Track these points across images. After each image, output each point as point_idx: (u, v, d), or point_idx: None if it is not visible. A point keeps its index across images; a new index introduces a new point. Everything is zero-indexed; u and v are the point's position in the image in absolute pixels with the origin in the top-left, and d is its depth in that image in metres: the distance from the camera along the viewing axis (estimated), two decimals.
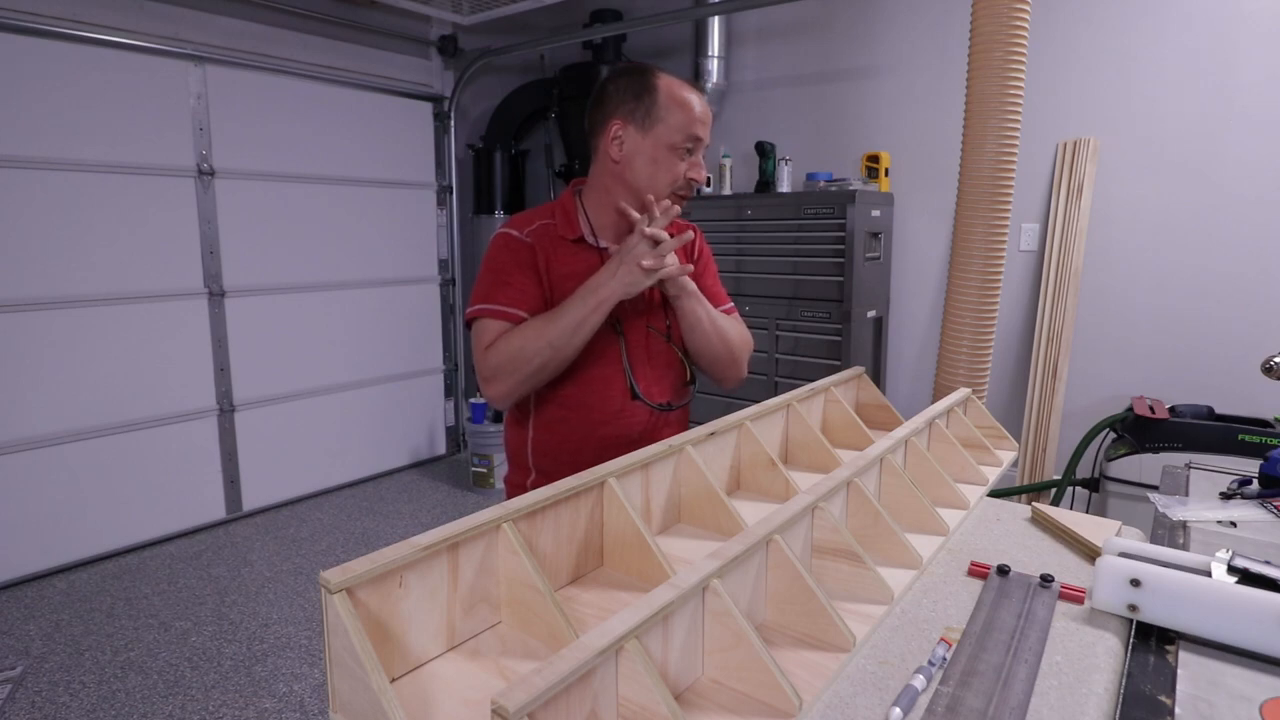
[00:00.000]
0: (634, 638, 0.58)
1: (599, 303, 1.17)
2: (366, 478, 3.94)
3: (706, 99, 1.28)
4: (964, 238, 2.05)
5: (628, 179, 1.25)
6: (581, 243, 1.28)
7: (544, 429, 1.29)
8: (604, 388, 1.26)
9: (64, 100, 2.78)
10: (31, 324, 2.76)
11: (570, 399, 1.26)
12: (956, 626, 0.78)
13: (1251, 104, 2.52)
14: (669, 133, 1.22)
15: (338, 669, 0.60)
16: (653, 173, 1.24)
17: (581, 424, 1.26)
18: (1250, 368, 2.46)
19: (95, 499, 2.96)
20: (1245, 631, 0.72)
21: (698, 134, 1.24)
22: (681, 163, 1.25)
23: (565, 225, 1.28)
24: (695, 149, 1.25)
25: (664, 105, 1.22)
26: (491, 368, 1.20)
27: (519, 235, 1.26)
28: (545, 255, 1.25)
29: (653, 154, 1.23)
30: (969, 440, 1.35)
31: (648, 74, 1.24)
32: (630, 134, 1.24)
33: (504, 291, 1.23)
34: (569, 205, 1.30)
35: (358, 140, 3.73)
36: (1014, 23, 1.87)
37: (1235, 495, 1.17)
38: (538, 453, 1.30)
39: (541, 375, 1.20)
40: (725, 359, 1.35)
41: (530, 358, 1.17)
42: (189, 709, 2.07)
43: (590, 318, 1.17)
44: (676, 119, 1.22)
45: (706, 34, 3.57)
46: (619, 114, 1.24)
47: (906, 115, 3.24)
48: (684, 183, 1.26)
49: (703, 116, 1.25)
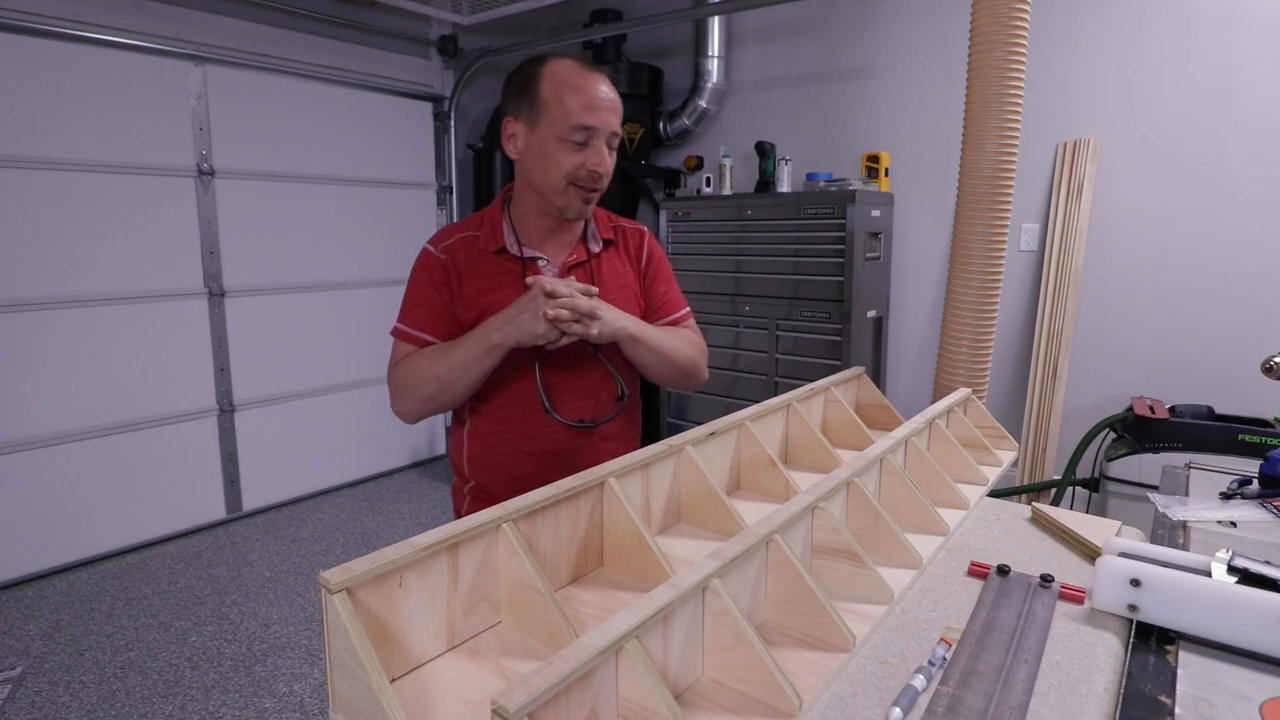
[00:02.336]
0: (634, 638, 0.58)
1: (491, 347, 1.11)
2: (366, 478, 3.94)
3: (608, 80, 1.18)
4: (964, 238, 2.05)
5: (527, 177, 1.20)
6: (504, 253, 1.22)
7: (475, 440, 1.26)
8: (522, 402, 1.21)
9: (64, 100, 2.78)
10: (31, 324, 2.76)
11: (494, 413, 1.23)
12: (956, 626, 0.78)
13: (1251, 104, 2.52)
14: (555, 123, 1.13)
15: (338, 669, 0.60)
16: (544, 168, 1.16)
17: (507, 437, 1.22)
18: (1250, 368, 2.46)
19: (95, 499, 2.96)
20: (1245, 631, 0.72)
21: (586, 122, 1.13)
22: (576, 154, 1.14)
23: (489, 236, 1.22)
24: (590, 138, 1.14)
25: (548, 95, 1.13)
26: (393, 387, 1.21)
27: (434, 251, 1.22)
28: (458, 271, 1.20)
29: (541, 148, 1.15)
30: (969, 440, 1.35)
31: (535, 64, 1.16)
32: (520, 130, 1.17)
33: (414, 312, 1.21)
34: (495, 214, 1.25)
35: (358, 140, 3.73)
36: (1014, 23, 1.87)
37: (1235, 495, 1.17)
38: (472, 464, 1.26)
39: (437, 403, 1.18)
40: (678, 379, 1.30)
41: (420, 386, 1.16)
42: (189, 709, 2.07)
43: (481, 360, 1.12)
44: (561, 108, 1.13)
45: (706, 34, 3.57)
46: (509, 111, 1.19)
47: (906, 115, 3.24)
48: (585, 174, 1.16)
49: (591, 102, 1.13)
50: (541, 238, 1.24)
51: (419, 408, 1.19)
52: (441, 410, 1.21)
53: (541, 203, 1.20)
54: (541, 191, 1.19)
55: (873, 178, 3.23)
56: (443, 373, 1.14)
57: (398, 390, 1.20)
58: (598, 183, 1.18)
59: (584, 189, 1.18)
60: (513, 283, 1.20)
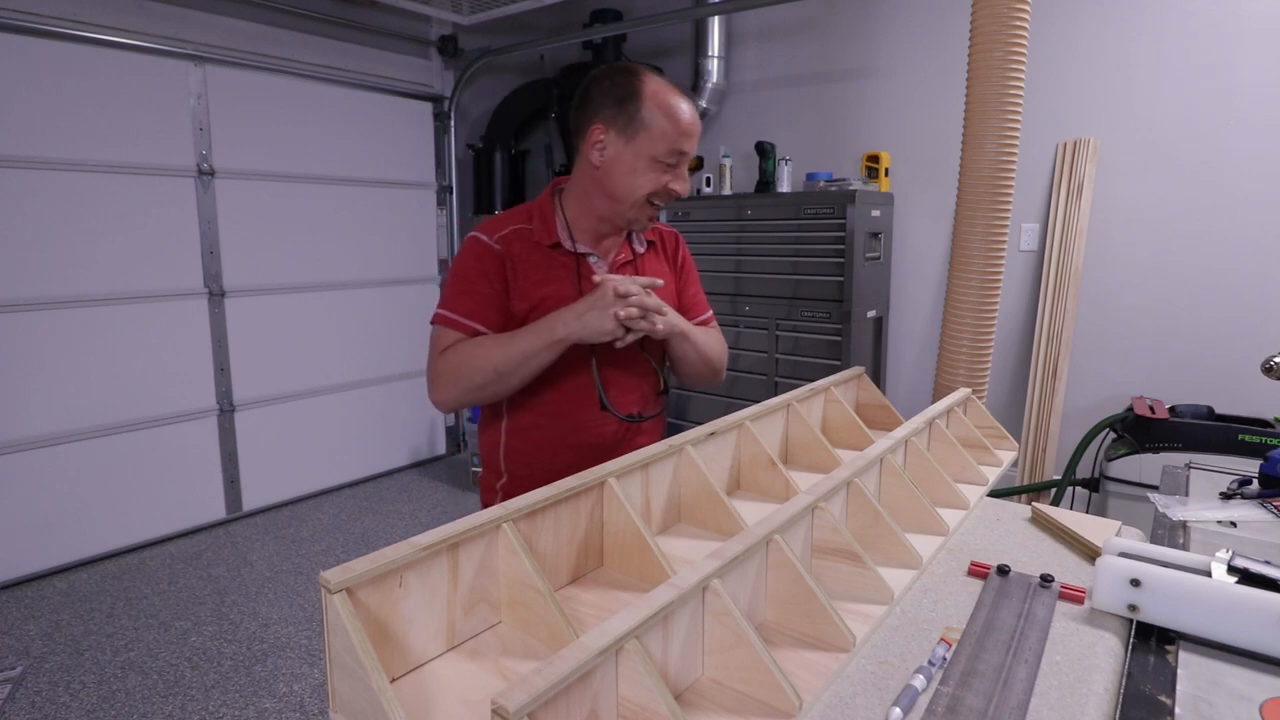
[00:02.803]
0: (634, 638, 0.58)
1: (554, 341, 1.13)
2: (366, 478, 3.94)
3: (696, 105, 1.24)
4: (964, 238, 2.05)
5: (605, 186, 1.21)
6: (558, 248, 1.23)
7: (515, 434, 1.26)
8: (574, 396, 1.23)
9: (64, 100, 2.78)
10: (31, 324, 2.76)
11: (541, 406, 1.23)
12: (956, 626, 0.78)
13: (1251, 104, 2.52)
14: (652, 144, 1.16)
15: (338, 669, 0.60)
16: (631, 183, 1.18)
17: (552, 431, 1.23)
18: (1250, 368, 2.46)
19: (95, 499, 2.96)
20: (1245, 631, 0.72)
21: (682, 148, 1.18)
22: (663, 174, 1.19)
23: (542, 230, 1.23)
24: (679, 162, 1.19)
25: (649, 114, 1.16)
26: (437, 374, 1.18)
27: (488, 241, 1.21)
28: (513, 262, 1.21)
29: (633, 164, 1.18)
30: (969, 440, 1.35)
31: (634, 77, 1.18)
32: (611, 140, 1.18)
33: (463, 301, 1.20)
34: (547, 208, 1.26)
35: (358, 140, 3.73)
36: (1014, 23, 1.87)
37: (1235, 495, 1.17)
38: (510, 458, 1.27)
39: (485, 393, 1.17)
40: (708, 376, 1.35)
41: (471, 375, 1.15)
42: (189, 709, 2.07)
43: (543, 354, 1.14)
44: (660, 130, 1.16)
45: (706, 34, 3.56)
46: (601, 118, 1.19)
47: (906, 115, 3.24)
48: (665, 193, 1.21)
49: (689, 129, 1.18)
50: (594, 236, 1.27)
51: (464, 397, 1.18)
52: (486, 401, 1.21)
53: (610, 210, 1.23)
54: (618, 201, 1.21)
55: (873, 178, 3.23)
56: (500, 364, 1.14)
57: (442, 378, 1.18)
58: (670, 201, 1.23)
59: (656, 206, 1.22)
60: (566, 277, 1.22)
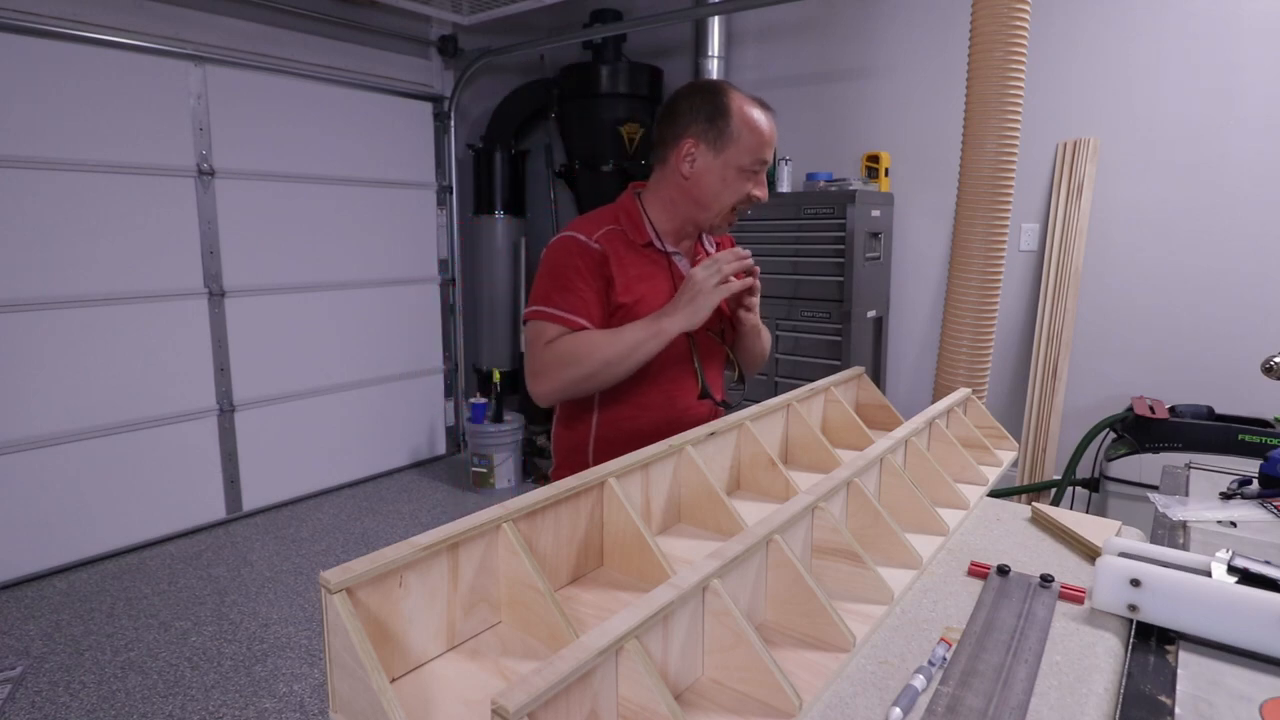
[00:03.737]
0: (634, 638, 0.58)
1: (660, 332, 1.21)
2: (366, 478, 3.94)
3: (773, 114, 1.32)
4: (964, 238, 2.05)
5: (694, 195, 1.31)
6: (650, 247, 1.33)
7: (609, 425, 1.33)
8: (674, 386, 1.32)
9: (64, 100, 2.78)
10: (31, 324, 2.76)
11: (638, 396, 1.31)
12: (956, 626, 0.78)
13: (1251, 104, 2.52)
14: (739, 155, 1.27)
15: (338, 669, 0.60)
16: (720, 191, 1.29)
17: (647, 420, 1.31)
18: (1250, 368, 2.46)
19: (95, 499, 2.96)
20: (1245, 631, 0.72)
21: (765, 157, 1.29)
22: (748, 183, 1.30)
23: (633, 230, 1.32)
24: (761, 170, 1.30)
25: (737, 128, 1.26)
26: (541, 366, 1.25)
27: (588, 241, 1.28)
28: (615, 261, 1.28)
29: (722, 174, 1.28)
30: (969, 440, 1.35)
31: (722, 95, 1.28)
32: (702, 153, 1.28)
33: (565, 297, 1.26)
34: (633, 210, 1.34)
35: (358, 140, 3.73)
36: (1014, 23, 1.87)
37: (1235, 495, 1.17)
38: (600, 449, 1.33)
39: (586, 385, 1.24)
40: (760, 364, 1.50)
41: (579, 366, 1.22)
42: (189, 709, 2.07)
43: (649, 344, 1.21)
44: (748, 142, 1.26)
45: (706, 34, 3.56)
46: (692, 133, 1.28)
47: (906, 115, 3.24)
48: (747, 199, 1.31)
49: (771, 139, 1.29)
50: (675, 238, 1.37)
51: (569, 388, 1.24)
52: (588, 392, 1.28)
53: (697, 215, 1.32)
54: (705, 208, 1.31)
55: (873, 178, 3.23)
56: (610, 356, 1.21)
57: (546, 369, 1.24)
58: (751, 206, 1.34)
59: (736, 212, 1.32)
60: (660, 274, 1.32)
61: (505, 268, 4.19)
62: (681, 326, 1.21)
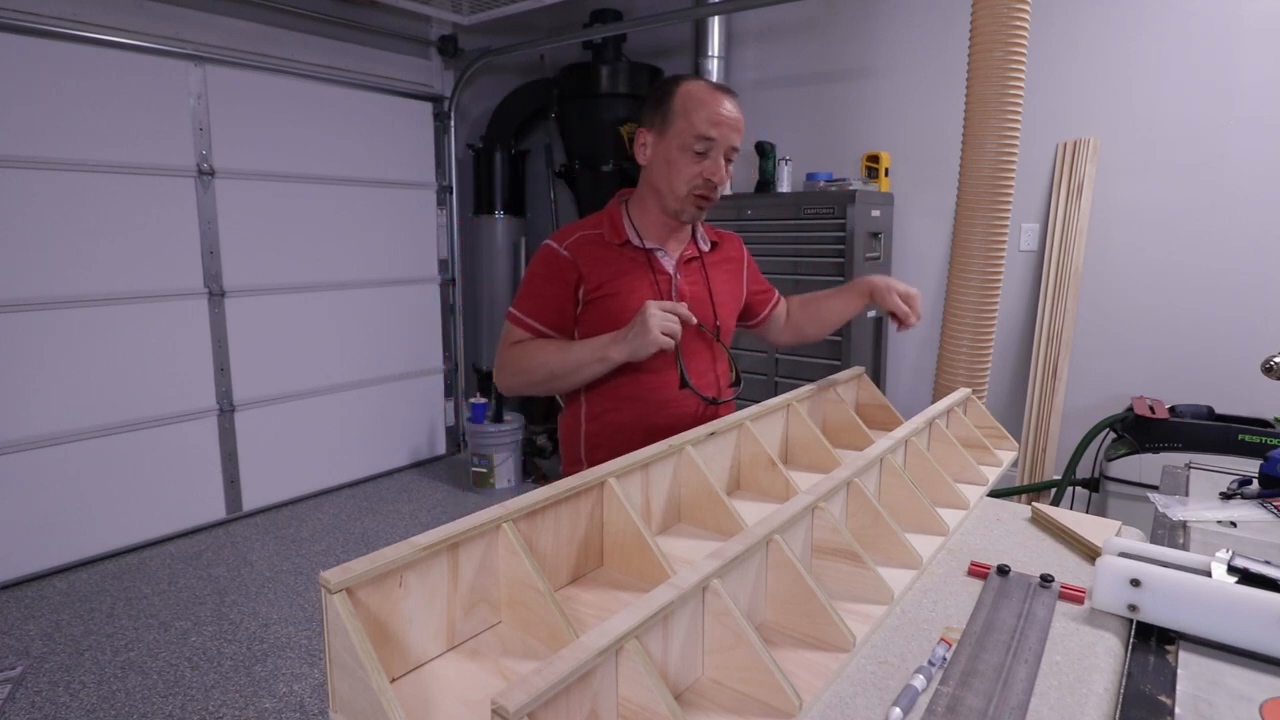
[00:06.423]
0: (634, 638, 0.58)
1: (605, 358, 1.24)
2: (366, 478, 3.94)
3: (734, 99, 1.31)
4: (964, 238, 2.05)
5: (652, 182, 1.34)
6: (627, 245, 1.36)
7: (595, 419, 1.37)
8: (653, 379, 1.34)
9: (64, 100, 2.78)
10: (31, 324, 2.76)
11: (620, 389, 1.34)
12: (956, 626, 0.78)
13: (1251, 104, 2.51)
14: (680, 134, 1.28)
15: (338, 669, 0.60)
16: (668, 174, 1.30)
17: (631, 413, 1.34)
18: (1250, 368, 2.46)
19: (95, 499, 2.96)
20: (1245, 631, 0.72)
21: (706, 133, 1.26)
22: (696, 164, 1.29)
23: (612, 232, 1.37)
24: (710, 149, 1.28)
25: (678, 107, 1.28)
26: (503, 363, 1.35)
27: (557, 248, 1.34)
28: (585, 262, 1.33)
29: (667, 155, 1.30)
30: (969, 440, 1.35)
31: (671, 82, 1.31)
32: (652, 140, 1.32)
33: (529, 301, 1.34)
34: (615, 213, 1.39)
35: (358, 140, 3.73)
36: (1014, 23, 1.87)
37: (1235, 495, 1.17)
38: (590, 444, 1.38)
39: (540, 389, 1.32)
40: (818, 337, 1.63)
41: (531, 373, 1.31)
42: (189, 709, 2.07)
43: (593, 366, 1.26)
44: (687, 120, 1.27)
45: (706, 34, 3.56)
46: (644, 123, 1.34)
47: (906, 115, 3.24)
48: (702, 183, 1.30)
49: (715, 117, 1.27)
50: (661, 235, 1.39)
51: (523, 389, 1.34)
52: (547, 394, 1.36)
53: (659, 204, 1.35)
54: (663, 195, 1.33)
55: (873, 178, 3.23)
56: (555, 368, 1.28)
57: (507, 367, 1.34)
58: (713, 191, 1.32)
59: (700, 196, 1.31)
60: (636, 270, 1.35)
61: (505, 268, 4.19)
62: (625, 357, 1.23)
